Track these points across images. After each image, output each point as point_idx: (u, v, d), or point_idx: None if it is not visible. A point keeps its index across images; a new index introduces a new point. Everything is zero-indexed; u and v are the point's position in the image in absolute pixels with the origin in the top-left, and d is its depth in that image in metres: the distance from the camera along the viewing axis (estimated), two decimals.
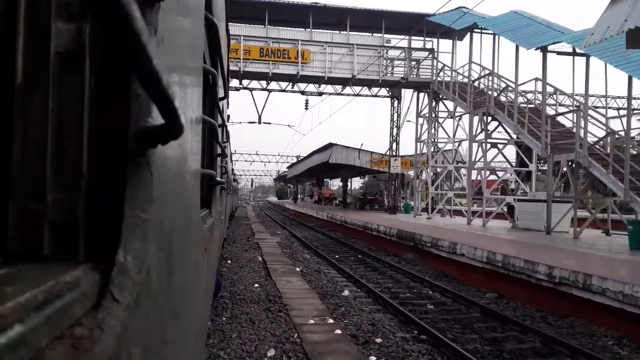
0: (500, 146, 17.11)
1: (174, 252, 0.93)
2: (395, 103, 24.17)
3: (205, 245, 1.95)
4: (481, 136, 16.95)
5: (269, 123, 24.79)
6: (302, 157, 42.62)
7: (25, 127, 0.54)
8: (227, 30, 4.13)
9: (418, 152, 22.22)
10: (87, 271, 0.53)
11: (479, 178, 17.18)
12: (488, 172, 16.69)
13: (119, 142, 0.60)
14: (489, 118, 16.23)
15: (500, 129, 16.50)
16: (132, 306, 0.60)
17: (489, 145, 16.60)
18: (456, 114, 20.64)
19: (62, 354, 0.43)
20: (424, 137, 22.01)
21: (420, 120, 22.01)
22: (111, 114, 0.60)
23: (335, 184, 70.48)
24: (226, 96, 3.78)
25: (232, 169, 24.56)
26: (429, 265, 12.05)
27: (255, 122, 23.58)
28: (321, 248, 16.02)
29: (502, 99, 16.56)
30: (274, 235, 19.49)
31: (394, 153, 23.97)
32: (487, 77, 16.81)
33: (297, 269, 10.87)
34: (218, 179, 3.16)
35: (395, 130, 24.15)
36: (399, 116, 23.99)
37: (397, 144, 24.30)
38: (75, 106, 0.57)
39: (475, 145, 16.92)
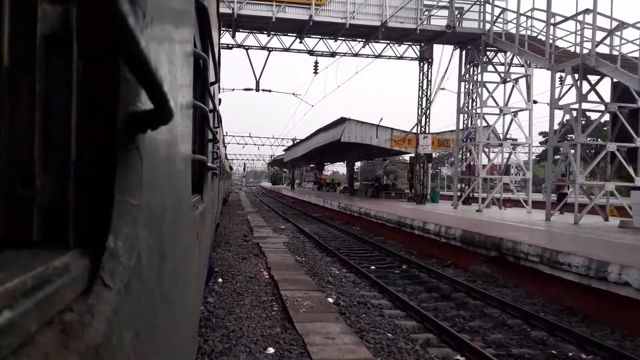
0: (591, 115, 13.01)
1: (165, 238, 0.94)
2: (425, 67, 19.78)
3: (197, 231, 1.99)
4: (567, 100, 12.84)
5: (269, 90, 20.60)
6: (301, 139, 38.42)
7: (12, 112, 0.54)
8: (218, 13, 4.18)
9: (460, 126, 18.01)
10: (77, 257, 0.54)
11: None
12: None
13: (108, 127, 0.61)
14: (574, 75, 12.04)
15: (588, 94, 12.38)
16: (123, 292, 0.61)
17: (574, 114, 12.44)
18: (513, 75, 16.51)
19: (52, 339, 0.44)
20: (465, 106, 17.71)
21: (463, 87, 17.80)
22: (99, 99, 0.61)
23: (329, 169, 66.57)
24: (217, 81, 3.81)
25: (225, 154, 22.47)
26: (527, 287, 7.99)
27: (251, 89, 19.39)
28: (345, 251, 12.10)
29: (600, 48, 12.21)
30: (277, 232, 15.47)
31: (424, 129, 19.80)
32: (582, 15, 12.28)
33: (330, 300, 6.88)
34: (209, 164, 3.26)
35: (424, 101, 19.85)
36: (429, 83, 19.68)
37: (427, 118, 20.02)
38: (63, 91, 0.57)
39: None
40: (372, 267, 10.17)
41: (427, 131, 19.73)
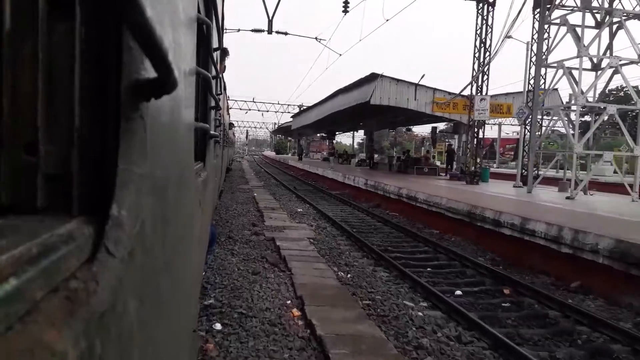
0: None
1: (168, 206, 0.95)
2: (485, 9, 15.68)
3: (200, 198, 2.03)
4: None
5: (285, 33, 16.56)
6: (314, 103, 34.26)
7: (14, 78, 0.54)
8: None
9: (536, 83, 13.87)
10: (81, 224, 0.54)
11: None
12: None
13: (112, 95, 0.61)
14: None
15: None
16: (127, 259, 0.61)
17: None
18: (616, 18, 12.37)
19: (57, 306, 0.44)
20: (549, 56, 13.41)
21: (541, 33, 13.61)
22: (103, 66, 0.60)
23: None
24: (221, 47, 3.79)
25: (230, 123, 21.24)
26: None
27: (262, 31, 15.40)
28: (399, 256, 8.46)
29: None
30: (294, 218, 11.89)
31: (480, 89, 15.81)
32: None
33: None
34: (212, 132, 3.25)
35: (482, 53, 15.75)
36: (489, 30, 15.60)
37: (486, 75, 15.98)
38: (66, 57, 0.57)
39: None
40: (458, 292, 6.55)
41: (485, 92, 15.84)
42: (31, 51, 0.54)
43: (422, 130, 55.10)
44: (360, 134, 55.88)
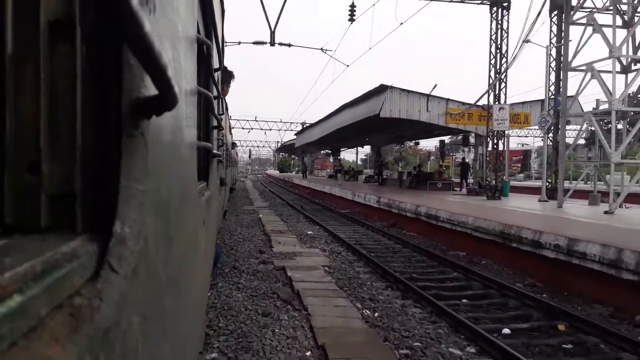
0: None
1: (171, 223, 0.95)
2: (500, 13, 15.00)
3: (203, 217, 2.02)
4: None
5: (289, 45, 15.86)
6: (317, 120, 33.52)
7: (17, 99, 0.54)
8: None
9: (563, 88, 12.88)
10: (85, 242, 0.55)
11: None
12: None
13: (113, 113, 0.61)
14: None
15: None
16: (131, 276, 0.62)
17: None
18: None
19: (61, 323, 0.44)
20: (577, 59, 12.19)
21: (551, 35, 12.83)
22: (104, 85, 0.61)
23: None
24: (221, 67, 3.85)
25: (233, 142, 21.36)
26: None
27: (264, 43, 14.71)
28: (433, 288, 7.39)
29: None
30: (305, 242, 10.98)
31: (497, 98, 14.93)
32: None
33: None
34: (215, 151, 3.25)
35: (499, 59, 14.93)
36: (504, 34, 14.84)
37: (504, 83, 15.08)
38: (68, 77, 0.57)
39: None
40: (506, 331, 5.55)
41: (503, 100, 15.00)
42: (33, 71, 0.55)
43: (427, 144, 54.40)
44: (363, 150, 55.04)
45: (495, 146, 15.45)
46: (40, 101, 0.55)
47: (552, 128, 13.92)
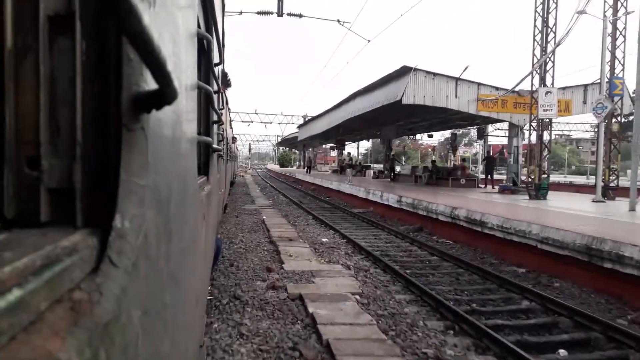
0: None
1: (171, 218, 0.96)
2: None
3: (204, 212, 2.02)
4: None
5: (299, 15, 13.83)
6: (323, 111, 31.38)
7: (16, 93, 0.54)
8: None
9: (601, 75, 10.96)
10: (85, 236, 0.55)
11: None
12: None
13: (113, 107, 0.61)
14: None
15: None
16: (131, 270, 0.62)
17: None
18: None
19: (61, 316, 0.45)
20: None
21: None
22: (104, 79, 0.61)
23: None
24: (221, 62, 3.79)
25: (233, 137, 21.32)
26: None
27: (271, 13, 12.72)
28: (512, 329, 5.52)
29: None
30: (322, 255, 9.05)
31: (543, 80, 12.74)
32: None
33: None
34: (215, 146, 3.23)
35: (544, 35, 12.61)
36: (553, 3, 12.58)
37: (551, 62, 12.82)
38: (67, 71, 0.57)
39: None
40: None
41: (551, 83, 12.87)
42: (32, 65, 0.55)
43: (427, 138, 52.66)
44: (364, 144, 52.91)
45: (539, 137, 13.34)
46: (40, 96, 0.56)
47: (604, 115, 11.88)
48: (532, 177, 13.18)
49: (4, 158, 0.54)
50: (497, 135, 41.86)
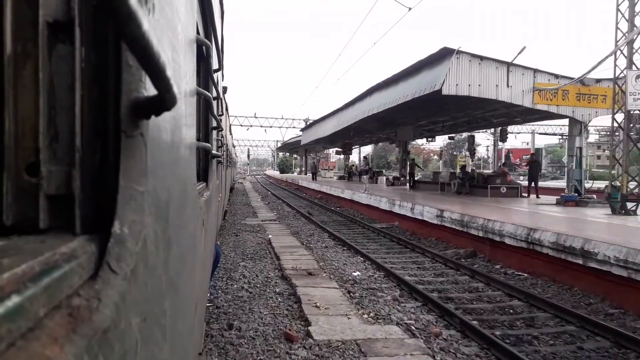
0: None
1: (170, 224, 0.96)
2: None
3: (203, 218, 2.02)
4: None
5: None
6: (331, 111, 28.68)
7: (16, 100, 0.55)
8: (221, 0, 4.02)
9: None
10: (84, 243, 0.55)
11: None
12: None
13: (112, 113, 0.62)
14: None
15: None
16: (130, 277, 0.62)
17: None
18: None
19: (60, 323, 0.45)
20: None
21: None
22: (103, 85, 0.61)
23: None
24: (221, 68, 3.74)
25: (233, 144, 21.26)
26: None
27: None
28: None
29: None
30: (357, 299, 6.50)
31: (631, 61, 10.05)
32: None
33: None
34: (214, 152, 3.22)
35: (631, 2, 9.95)
36: None
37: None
38: (67, 77, 0.58)
39: None
40: None
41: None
42: (32, 72, 0.55)
43: (428, 144, 50.82)
44: (363, 149, 50.66)
45: (628, 135, 10.56)
46: (39, 102, 0.56)
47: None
48: (618, 184, 10.39)
49: (3, 165, 0.55)
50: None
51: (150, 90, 0.69)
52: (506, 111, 16.64)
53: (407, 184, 23.32)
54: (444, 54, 12.73)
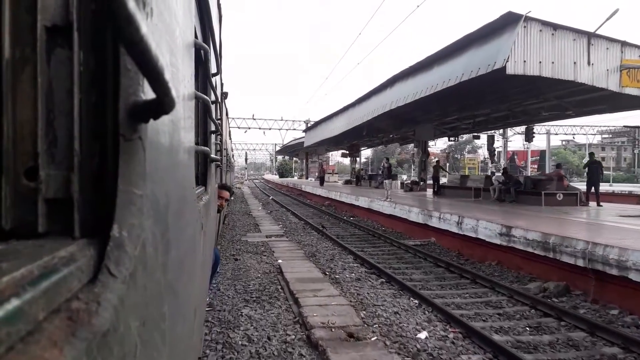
0: None
1: (169, 228, 0.96)
2: None
3: (202, 222, 2.02)
4: None
5: None
6: (339, 109, 25.99)
7: (14, 104, 0.55)
8: (219, 5, 4.05)
9: None
10: (83, 246, 0.55)
11: None
12: None
13: (111, 117, 0.62)
14: None
15: None
16: (129, 280, 0.62)
17: None
18: None
19: (59, 326, 0.45)
20: None
21: None
22: (102, 89, 0.61)
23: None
24: (219, 72, 3.73)
25: (232, 148, 22.53)
26: None
27: None
28: None
29: None
30: None
31: None
32: None
33: None
34: (213, 156, 3.19)
35: None
36: None
37: None
38: (65, 82, 0.58)
39: None
40: None
41: None
42: (30, 76, 0.55)
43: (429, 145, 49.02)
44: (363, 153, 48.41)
45: None
46: (38, 106, 0.56)
47: None
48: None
49: (2, 169, 0.54)
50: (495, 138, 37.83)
51: (148, 94, 0.69)
52: (557, 102, 14.04)
53: (431, 190, 20.69)
54: (507, 22, 9.88)
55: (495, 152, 31.64)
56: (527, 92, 13.06)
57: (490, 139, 28.74)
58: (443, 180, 22.09)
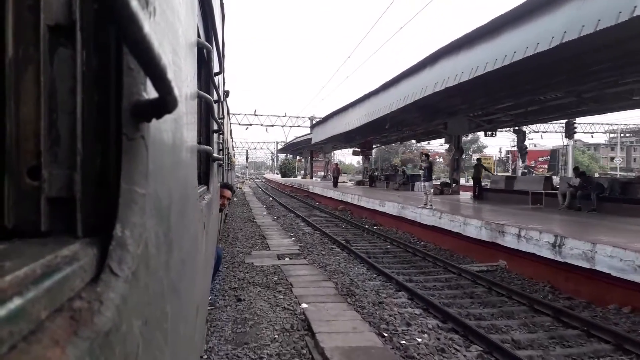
0: None
1: (172, 227, 0.96)
2: None
3: (204, 221, 2.02)
4: None
5: None
6: (355, 99, 23.00)
7: (17, 104, 0.55)
8: (222, 4, 4.02)
9: None
10: (85, 246, 0.56)
11: None
12: None
13: (113, 116, 0.62)
14: None
15: None
16: (131, 279, 0.62)
17: None
18: None
19: (61, 325, 0.45)
20: None
21: None
22: (104, 88, 0.62)
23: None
24: (222, 71, 3.67)
25: (233, 147, 22.73)
26: None
27: None
28: None
29: None
30: None
31: None
32: None
33: None
34: (215, 155, 3.19)
35: None
36: None
37: None
38: (68, 81, 0.58)
39: None
40: None
41: None
42: (33, 75, 0.56)
43: (428, 145, 46.48)
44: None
45: None
46: (41, 105, 0.56)
47: None
48: None
49: (4, 168, 0.55)
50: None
51: (151, 93, 0.69)
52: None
53: (468, 193, 17.78)
54: None
55: (527, 149, 28.71)
56: (628, 67, 9.93)
57: (521, 135, 25.97)
58: (486, 183, 19.22)
